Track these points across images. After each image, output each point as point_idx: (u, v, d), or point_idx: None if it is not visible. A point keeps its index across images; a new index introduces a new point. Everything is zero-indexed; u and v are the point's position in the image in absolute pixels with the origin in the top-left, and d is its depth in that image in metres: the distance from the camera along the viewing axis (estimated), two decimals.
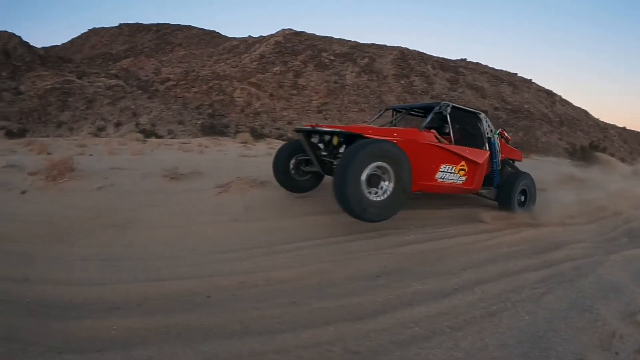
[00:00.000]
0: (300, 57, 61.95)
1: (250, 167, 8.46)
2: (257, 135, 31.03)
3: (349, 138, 4.98)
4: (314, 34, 71.53)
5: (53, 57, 58.64)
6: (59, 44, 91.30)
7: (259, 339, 2.65)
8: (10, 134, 33.21)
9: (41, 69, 51.03)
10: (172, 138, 34.16)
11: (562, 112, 65.40)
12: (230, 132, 39.85)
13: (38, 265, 3.91)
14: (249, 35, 78.09)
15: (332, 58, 62.67)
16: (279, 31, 70.26)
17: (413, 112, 7.30)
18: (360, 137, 4.76)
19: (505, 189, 6.68)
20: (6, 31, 54.78)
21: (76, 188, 6.27)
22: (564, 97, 70.54)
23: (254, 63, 60.08)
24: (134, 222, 4.08)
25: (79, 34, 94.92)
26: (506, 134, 7.37)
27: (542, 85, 70.80)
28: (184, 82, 56.62)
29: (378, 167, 4.46)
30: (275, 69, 58.78)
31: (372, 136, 4.79)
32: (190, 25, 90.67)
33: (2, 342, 2.56)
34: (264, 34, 73.67)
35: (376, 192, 4.53)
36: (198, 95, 53.22)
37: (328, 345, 2.58)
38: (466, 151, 6.01)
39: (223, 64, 62.76)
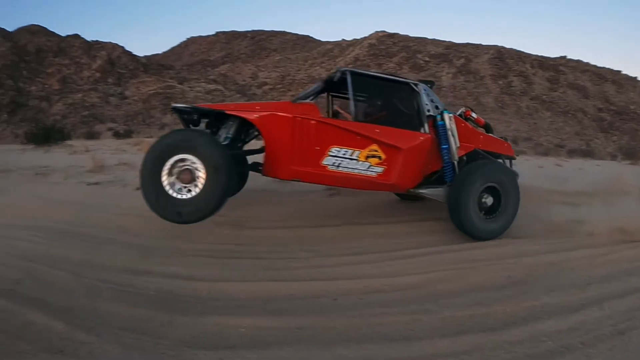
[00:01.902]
0: (394, 58, 62.00)
1: None
2: None
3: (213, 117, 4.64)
4: (407, 35, 71.41)
5: (154, 64, 64.06)
6: (159, 52, 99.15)
7: (394, 345, 2.61)
8: (117, 135, 36.77)
9: (144, 75, 55.87)
10: None
11: None
12: None
13: (158, 258, 4.11)
14: (343, 39, 79.64)
15: (427, 59, 62.11)
16: (372, 33, 71.04)
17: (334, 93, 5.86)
18: (222, 114, 4.51)
19: (457, 184, 4.89)
20: (110, 42, 60.96)
21: None
22: None
23: (349, 66, 60.64)
24: (248, 221, 4.16)
25: (178, 43, 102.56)
26: (474, 115, 5.70)
27: None
28: (280, 85, 58.86)
29: (183, 160, 4.01)
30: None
31: (233, 112, 4.48)
32: (284, 31, 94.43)
33: (130, 334, 2.63)
34: (358, 37, 74.52)
35: (189, 190, 4.03)
36: None
37: (465, 356, 2.53)
38: (376, 131, 4.68)
39: (318, 67, 64.33)
